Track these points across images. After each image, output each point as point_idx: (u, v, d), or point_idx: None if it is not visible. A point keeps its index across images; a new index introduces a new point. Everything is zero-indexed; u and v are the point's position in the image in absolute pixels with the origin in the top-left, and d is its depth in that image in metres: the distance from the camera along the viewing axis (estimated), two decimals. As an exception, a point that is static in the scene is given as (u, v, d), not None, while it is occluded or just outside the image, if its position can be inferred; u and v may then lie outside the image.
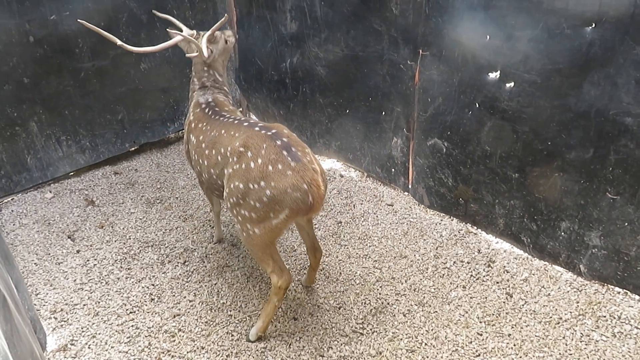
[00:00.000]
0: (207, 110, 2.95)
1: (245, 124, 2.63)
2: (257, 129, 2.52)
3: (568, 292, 2.94)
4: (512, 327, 2.73)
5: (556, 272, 3.08)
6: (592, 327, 2.70)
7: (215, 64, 3.10)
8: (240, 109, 5.08)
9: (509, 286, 3.02)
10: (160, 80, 4.60)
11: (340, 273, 3.18)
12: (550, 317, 2.78)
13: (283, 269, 2.57)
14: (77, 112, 4.18)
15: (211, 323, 2.84)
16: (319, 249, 2.89)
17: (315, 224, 3.61)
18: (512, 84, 2.93)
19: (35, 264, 3.33)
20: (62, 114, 4.12)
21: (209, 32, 2.98)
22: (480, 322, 2.78)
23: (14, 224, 3.74)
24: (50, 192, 4.13)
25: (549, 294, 2.94)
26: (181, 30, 3.05)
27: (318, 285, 3.08)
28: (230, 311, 2.92)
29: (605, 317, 2.75)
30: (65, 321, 2.88)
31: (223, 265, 3.28)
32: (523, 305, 2.88)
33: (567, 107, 2.75)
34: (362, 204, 3.88)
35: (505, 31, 2.85)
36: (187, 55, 3.03)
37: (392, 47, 3.54)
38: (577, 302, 2.86)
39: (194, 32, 3.07)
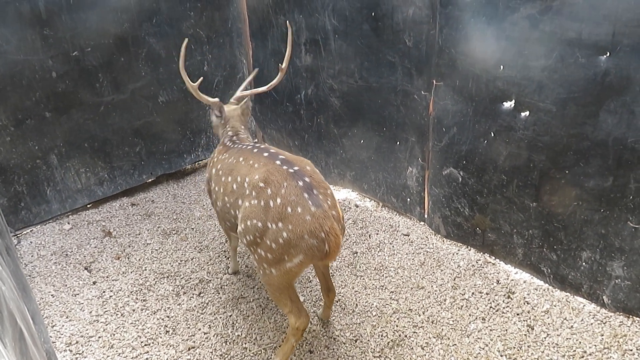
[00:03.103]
0: (228, 143, 3.07)
1: (266, 154, 2.58)
2: (278, 162, 2.45)
3: (592, 324, 2.86)
4: (535, 361, 2.65)
5: (578, 304, 3.00)
6: (618, 361, 2.61)
7: (236, 122, 3.23)
8: (256, 140, 5.14)
9: (529, 318, 2.94)
10: (178, 113, 4.69)
11: (356, 304, 3.14)
12: (574, 351, 2.69)
13: (301, 309, 2.49)
14: (96, 144, 4.27)
15: (226, 356, 2.80)
16: (333, 290, 2.84)
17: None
18: (527, 112, 2.93)
19: (52, 295, 3.35)
20: (82, 146, 4.20)
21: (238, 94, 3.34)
22: (501, 356, 2.70)
23: (32, 256, 3.77)
24: (69, 223, 4.18)
25: (572, 327, 2.85)
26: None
27: (334, 317, 3.03)
28: (245, 344, 2.88)
29: (632, 350, 2.65)
30: (80, 354, 2.87)
31: (238, 297, 3.26)
32: (545, 338, 2.80)
33: (584, 136, 2.73)
34: (377, 234, 3.85)
35: (519, 61, 2.87)
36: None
37: (406, 78, 3.58)
38: (602, 335, 2.77)
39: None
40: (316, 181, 2.39)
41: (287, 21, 3.27)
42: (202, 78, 3.13)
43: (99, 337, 2.98)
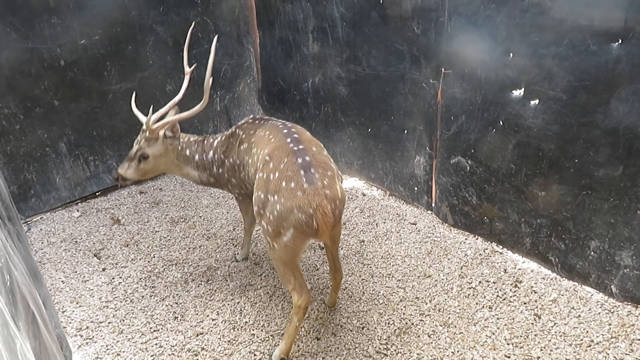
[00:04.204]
0: (247, 122, 3.01)
1: (286, 130, 2.69)
2: (288, 140, 2.55)
3: (599, 313, 2.85)
4: (542, 350, 2.65)
5: (586, 293, 3.00)
6: (625, 350, 2.60)
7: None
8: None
9: (537, 307, 2.94)
10: (185, 101, 4.67)
11: (363, 292, 3.15)
12: (581, 340, 2.69)
13: (303, 287, 2.54)
14: (105, 132, 4.29)
15: (234, 342, 2.83)
16: (339, 271, 2.86)
17: (340, 240, 3.60)
18: (536, 101, 2.90)
19: (62, 281, 3.39)
20: (90, 134, 4.22)
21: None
22: (508, 344, 2.70)
23: (42, 242, 3.81)
24: (78, 211, 4.21)
25: (579, 316, 2.85)
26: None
27: (341, 305, 3.05)
28: (253, 330, 2.91)
29: (639, 340, 2.65)
30: (90, 339, 2.91)
31: (246, 284, 3.28)
32: (552, 327, 2.80)
33: (594, 124, 2.70)
34: (384, 222, 3.85)
35: (529, 48, 2.84)
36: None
37: (414, 66, 3.55)
38: (609, 324, 2.77)
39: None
40: (317, 161, 2.43)
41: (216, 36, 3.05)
42: (195, 64, 3.06)
43: (109, 323, 3.02)
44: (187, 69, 3.05)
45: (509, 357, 2.62)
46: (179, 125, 3.04)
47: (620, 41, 2.48)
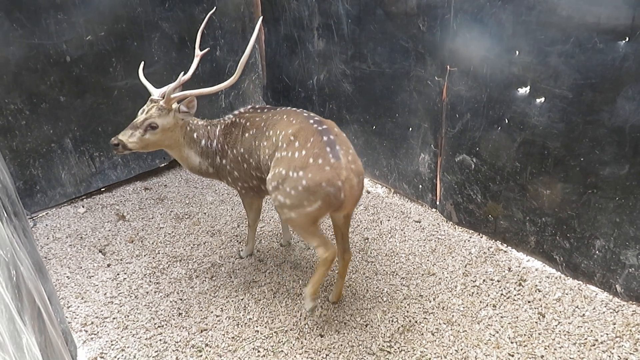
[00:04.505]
0: (249, 111, 3.04)
1: (305, 114, 2.78)
2: (311, 121, 2.66)
3: (604, 312, 2.84)
4: (545, 349, 2.65)
5: (591, 292, 2.99)
6: (630, 349, 2.60)
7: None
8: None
9: (541, 306, 2.93)
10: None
11: (367, 290, 3.15)
12: (586, 339, 2.69)
13: (327, 242, 2.67)
14: (110, 129, 4.30)
15: (238, 338, 2.84)
16: (348, 251, 2.93)
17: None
18: (542, 99, 2.89)
19: (67, 277, 3.41)
20: (96, 131, 4.24)
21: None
22: (512, 343, 2.70)
23: (48, 238, 3.83)
24: (83, 207, 4.23)
25: (584, 315, 2.84)
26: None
27: (345, 302, 3.05)
28: (257, 327, 2.92)
29: (644, 339, 2.65)
30: (95, 334, 2.92)
31: (250, 281, 3.29)
32: (556, 325, 2.79)
33: (600, 123, 2.69)
34: (389, 220, 3.85)
35: (535, 46, 2.83)
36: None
37: (420, 64, 3.54)
38: (614, 324, 2.76)
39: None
40: (340, 139, 2.60)
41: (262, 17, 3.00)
42: (207, 49, 3.09)
43: (114, 319, 3.03)
44: (198, 52, 3.08)
45: (512, 356, 2.62)
46: (196, 101, 2.94)
47: (627, 39, 2.46)
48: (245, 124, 2.95)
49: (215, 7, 3.02)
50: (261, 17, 2.96)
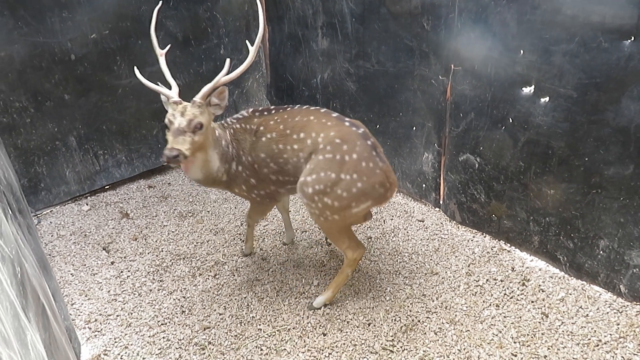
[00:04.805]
0: (259, 112, 2.93)
1: (332, 113, 2.81)
2: (347, 124, 2.73)
3: (608, 313, 2.83)
4: (549, 349, 2.64)
5: (594, 292, 2.98)
6: (634, 350, 2.59)
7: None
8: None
9: (544, 306, 2.93)
10: (194, 96, 4.70)
11: (370, 289, 3.15)
12: (589, 339, 2.68)
13: (358, 243, 2.84)
14: (114, 127, 4.31)
15: (241, 337, 2.85)
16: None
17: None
18: (547, 98, 2.88)
19: (71, 274, 3.42)
20: (100, 129, 4.25)
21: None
22: (515, 343, 2.70)
23: (52, 235, 3.85)
24: (87, 204, 4.25)
25: (587, 315, 2.84)
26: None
27: (347, 301, 3.05)
28: (260, 325, 2.92)
29: (648, 340, 2.64)
30: (99, 331, 2.94)
31: (253, 279, 3.30)
32: (560, 326, 2.79)
33: (605, 122, 2.68)
34: (392, 219, 3.85)
35: (539, 45, 2.82)
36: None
37: (424, 63, 3.54)
38: (618, 324, 2.75)
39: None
40: (376, 142, 2.76)
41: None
42: (170, 45, 2.93)
43: (117, 316, 3.04)
44: (160, 51, 2.92)
45: (515, 356, 2.62)
46: (227, 91, 2.74)
47: (632, 38, 2.45)
48: (259, 129, 2.84)
49: (161, 1, 3.00)
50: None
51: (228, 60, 2.75)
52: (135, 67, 2.92)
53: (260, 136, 2.84)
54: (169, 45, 2.95)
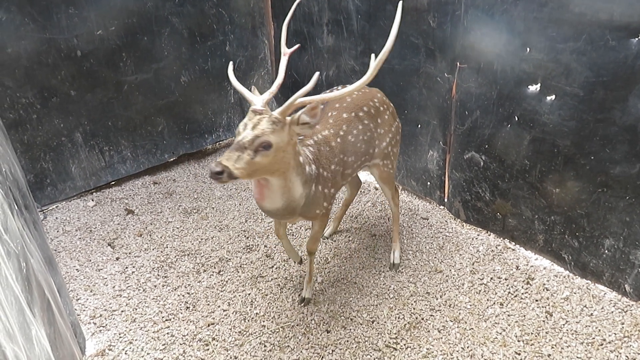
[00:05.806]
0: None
1: (348, 86, 2.86)
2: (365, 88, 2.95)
3: (612, 312, 2.82)
4: (552, 348, 2.64)
5: (599, 292, 2.97)
6: (638, 349, 2.58)
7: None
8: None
9: (548, 304, 2.92)
10: (199, 93, 4.72)
11: (374, 286, 3.15)
12: (593, 338, 2.67)
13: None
14: (120, 123, 4.33)
15: (244, 333, 2.86)
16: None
17: (352, 233, 3.61)
18: (553, 96, 2.86)
19: (76, 269, 3.44)
20: (106, 125, 4.26)
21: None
22: (519, 341, 2.69)
23: (57, 231, 3.87)
24: (93, 200, 4.27)
25: (592, 314, 2.83)
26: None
27: (351, 299, 3.06)
28: (264, 322, 2.93)
29: (652, 340, 2.62)
30: (103, 326, 2.95)
31: (257, 276, 3.30)
32: (564, 325, 2.78)
33: (611, 121, 2.66)
34: (396, 217, 3.84)
35: (546, 43, 2.80)
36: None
37: (429, 60, 3.53)
38: (622, 324, 2.74)
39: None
40: None
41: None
42: (298, 45, 2.62)
43: (122, 311, 3.06)
44: (286, 50, 2.56)
45: (519, 354, 2.61)
46: (321, 109, 2.29)
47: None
48: (327, 137, 2.61)
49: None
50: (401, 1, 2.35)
51: (317, 73, 2.21)
52: (230, 64, 2.48)
53: (330, 141, 2.62)
54: (297, 45, 2.57)
